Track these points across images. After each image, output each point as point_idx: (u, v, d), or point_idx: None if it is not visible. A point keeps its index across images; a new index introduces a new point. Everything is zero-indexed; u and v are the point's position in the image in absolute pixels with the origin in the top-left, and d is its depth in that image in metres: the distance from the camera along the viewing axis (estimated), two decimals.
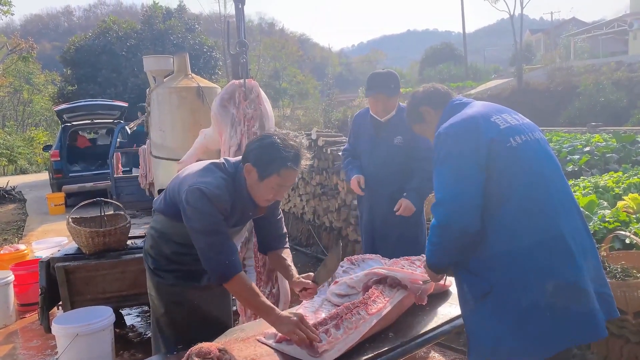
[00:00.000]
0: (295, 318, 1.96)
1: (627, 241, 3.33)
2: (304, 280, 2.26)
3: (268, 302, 2.06)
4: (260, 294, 2.08)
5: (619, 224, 3.71)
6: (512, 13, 29.84)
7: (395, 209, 3.22)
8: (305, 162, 2.13)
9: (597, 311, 1.83)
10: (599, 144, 8.60)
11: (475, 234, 1.87)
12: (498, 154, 1.88)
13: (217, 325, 2.31)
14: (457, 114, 2.06)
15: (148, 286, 2.39)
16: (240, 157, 2.21)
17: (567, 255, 1.84)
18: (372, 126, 3.44)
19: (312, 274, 2.30)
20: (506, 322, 1.85)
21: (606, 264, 2.87)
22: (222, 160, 2.24)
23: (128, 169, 10.15)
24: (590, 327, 1.82)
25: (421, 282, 2.32)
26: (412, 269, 2.49)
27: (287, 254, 2.42)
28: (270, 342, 2.07)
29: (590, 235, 1.99)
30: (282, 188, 2.12)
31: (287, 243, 2.47)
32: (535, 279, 1.82)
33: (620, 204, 4.08)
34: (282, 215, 2.48)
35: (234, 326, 2.44)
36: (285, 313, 2.02)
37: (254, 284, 2.10)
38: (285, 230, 2.48)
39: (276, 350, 2.03)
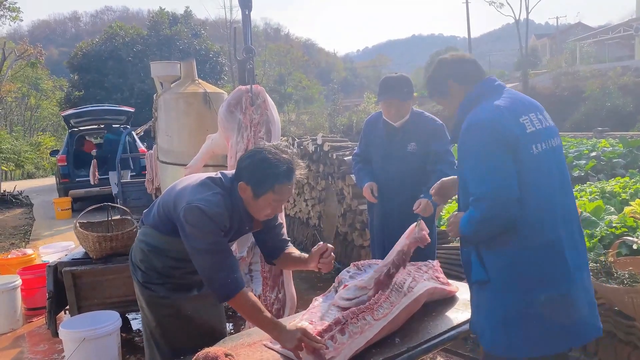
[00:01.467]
0: (299, 334, 1.93)
1: (635, 247, 3.31)
2: (314, 251, 2.26)
3: (271, 318, 2.05)
4: (264, 309, 2.06)
5: (626, 230, 3.69)
6: (517, 18, 29.81)
7: (414, 208, 3.11)
8: (299, 172, 2.11)
9: (585, 318, 1.93)
10: (606, 149, 8.56)
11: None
12: (521, 157, 1.89)
13: (211, 334, 2.28)
14: (488, 103, 1.98)
15: (138, 299, 2.33)
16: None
17: (564, 268, 1.90)
18: (385, 131, 3.38)
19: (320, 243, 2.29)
20: (497, 317, 1.93)
21: (613, 270, 2.86)
22: (218, 174, 2.20)
23: (105, 176, 10.14)
24: (575, 334, 1.92)
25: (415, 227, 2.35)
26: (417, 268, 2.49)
27: (291, 249, 2.41)
28: (277, 347, 2.07)
29: (585, 249, 2.06)
30: (279, 202, 2.11)
31: (289, 243, 2.45)
32: (529, 285, 1.88)
33: (627, 209, 4.05)
34: (280, 221, 2.44)
35: (240, 330, 2.45)
36: (289, 327, 1.99)
37: (257, 300, 2.08)
38: (285, 235, 2.45)
39: (283, 356, 2.03)
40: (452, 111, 2.14)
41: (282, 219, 2.46)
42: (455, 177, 2.20)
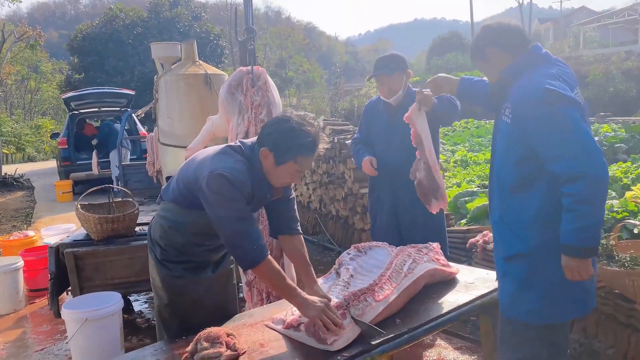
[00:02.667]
0: (321, 304, 1.94)
1: (636, 231, 3.32)
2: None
3: (294, 286, 2.04)
4: (287, 277, 2.06)
5: (628, 214, 3.70)
6: (521, 2, 29.56)
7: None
8: (323, 146, 2.11)
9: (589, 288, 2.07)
10: (608, 134, 8.54)
11: None
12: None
13: (222, 313, 2.30)
14: (544, 71, 1.97)
15: (152, 276, 2.33)
16: (255, 139, 2.15)
17: None
18: (386, 112, 3.43)
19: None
20: (537, 287, 2.04)
21: (615, 253, 2.86)
22: (237, 142, 2.17)
23: (106, 159, 10.21)
24: (590, 301, 2.08)
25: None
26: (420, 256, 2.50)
27: (301, 244, 2.33)
28: (279, 327, 2.08)
29: None
30: (299, 173, 2.09)
31: (299, 228, 2.37)
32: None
33: (628, 194, 4.06)
34: (294, 195, 2.41)
35: (241, 312, 2.46)
36: (312, 297, 2.00)
37: (280, 268, 2.06)
38: (296, 214, 2.40)
39: (284, 336, 2.05)
40: (491, 78, 2.18)
41: (293, 196, 2.42)
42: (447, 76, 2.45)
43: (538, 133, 1.92)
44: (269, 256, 2.03)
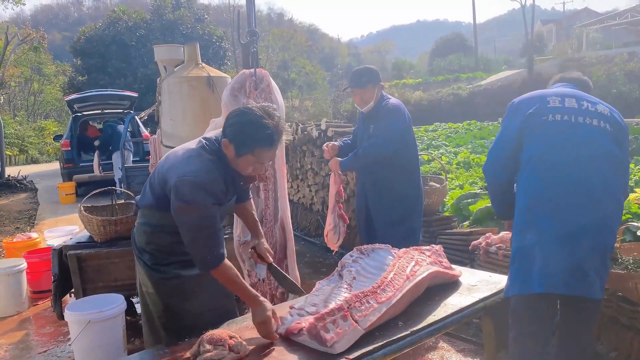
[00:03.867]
0: (268, 314, 2.05)
1: (639, 233, 3.31)
2: (263, 250, 2.45)
3: (251, 290, 2.14)
4: (243, 281, 2.16)
5: (631, 216, 3.69)
6: (523, 3, 29.53)
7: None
8: (286, 137, 2.16)
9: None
10: None
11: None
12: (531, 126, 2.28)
13: (220, 312, 2.31)
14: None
15: (143, 284, 2.36)
16: (219, 131, 2.21)
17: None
18: (362, 119, 3.77)
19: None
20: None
21: (618, 256, 2.86)
22: (201, 139, 2.22)
23: (109, 162, 10.26)
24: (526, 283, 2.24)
25: None
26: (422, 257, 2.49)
27: (251, 206, 2.60)
28: (280, 330, 2.08)
29: None
30: (259, 165, 2.15)
31: (250, 196, 2.61)
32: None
33: (632, 196, 4.05)
34: None
35: (244, 314, 2.46)
36: (265, 305, 2.07)
37: (237, 273, 2.15)
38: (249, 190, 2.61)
39: (284, 338, 2.04)
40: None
41: None
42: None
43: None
44: (225, 262, 2.11)
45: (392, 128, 3.50)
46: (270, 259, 2.43)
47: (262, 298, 2.11)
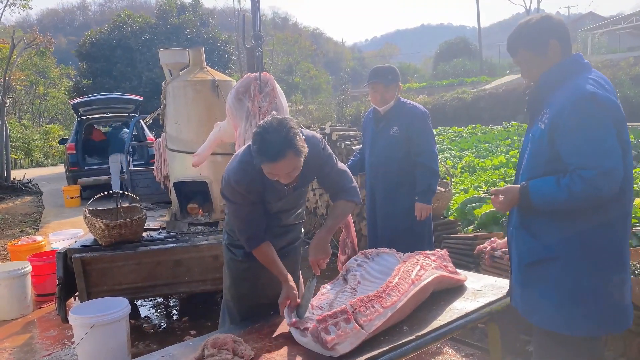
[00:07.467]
0: (293, 293, 2.27)
1: None
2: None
3: (283, 271, 2.34)
4: (280, 265, 2.35)
5: (636, 221, 3.67)
6: (528, 7, 29.50)
7: (416, 216, 3.48)
8: (304, 151, 2.11)
9: (630, 301, 1.99)
10: None
11: None
12: (624, 136, 1.89)
13: (274, 306, 2.38)
14: (588, 78, 1.90)
15: (224, 261, 2.67)
16: None
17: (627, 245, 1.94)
18: (374, 119, 3.66)
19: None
20: (561, 294, 1.92)
21: None
22: (249, 144, 2.31)
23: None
24: (626, 317, 1.98)
25: None
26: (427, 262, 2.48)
27: (339, 204, 2.51)
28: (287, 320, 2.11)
29: None
30: (273, 176, 2.15)
31: (354, 196, 2.51)
32: (604, 262, 1.89)
33: (637, 200, 4.02)
34: (340, 167, 2.50)
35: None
36: (291, 284, 2.30)
37: (275, 258, 2.35)
38: (352, 183, 2.52)
39: (290, 343, 2.04)
40: (532, 74, 2.03)
41: (341, 167, 2.52)
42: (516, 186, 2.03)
43: (568, 132, 1.85)
44: (261, 246, 2.33)
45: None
46: (319, 271, 2.41)
47: (291, 282, 2.32)
